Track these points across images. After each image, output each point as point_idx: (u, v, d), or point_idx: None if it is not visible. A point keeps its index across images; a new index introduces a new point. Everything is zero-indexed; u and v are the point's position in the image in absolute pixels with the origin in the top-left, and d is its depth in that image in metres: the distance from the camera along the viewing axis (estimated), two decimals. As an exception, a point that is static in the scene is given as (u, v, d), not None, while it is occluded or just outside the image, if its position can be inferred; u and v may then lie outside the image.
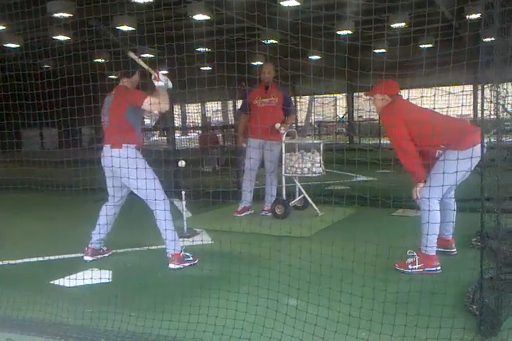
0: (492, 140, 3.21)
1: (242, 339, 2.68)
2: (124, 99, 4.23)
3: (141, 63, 4.23)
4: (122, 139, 4.22)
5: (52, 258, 4.53)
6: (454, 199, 4.20)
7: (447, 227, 4.15)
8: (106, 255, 4.58)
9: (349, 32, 14.61)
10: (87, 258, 4.46)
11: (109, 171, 4.32)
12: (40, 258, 4.50)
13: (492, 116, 2.84)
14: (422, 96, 3.72)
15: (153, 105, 4.10)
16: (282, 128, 6.07)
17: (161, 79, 4.16)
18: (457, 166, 3.23)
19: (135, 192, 4.26)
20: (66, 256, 4.61)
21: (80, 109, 4.65)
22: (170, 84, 4.26)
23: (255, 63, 17.61)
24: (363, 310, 2.84)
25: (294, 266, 3.28)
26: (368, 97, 4.28)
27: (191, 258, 4.26)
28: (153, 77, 4.20)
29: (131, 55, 4.22)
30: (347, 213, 6.16)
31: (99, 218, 4.46)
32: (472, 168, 3.74)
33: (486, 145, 3.46)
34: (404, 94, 4.33)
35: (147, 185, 4.09)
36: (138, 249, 4.82)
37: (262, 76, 6.21)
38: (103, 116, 4.42)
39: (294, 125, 7.98)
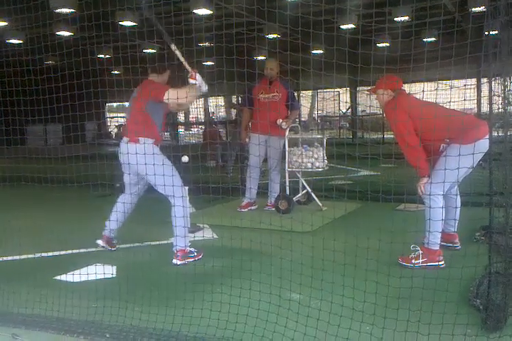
0: (498, 133, 3.20)
1: (245, 334, 2.69)
2: (146, 93, 4.19)
3: (181, 58, 4.17)
4: (140, 133, 4.18)
5: (56, 253, 4.55)
6: (458, 196, 4.18)
7: (451, 223, 4.15)
8: (113, 249, 4.61)
9: (353, 26, 14.52)
10: (99, 242, 4.54)
11: (126, 168, 4.35)
12: (45, 254, 4.52)
13: (499, 110, 2.83)
14: (424, 91, 3.70)
15: (174, 98, 4.00)
16: (284, 123, 6.05)
17: (197, 79, 4.10)
18: (459, 162, 3.22)
19: (156, 188, 4.25)
20: (70, 251, 4.63)
21: (84, 104, 4.66)
22: (204, 88, 4.19)
23: (259, 58, 17.60)
24: (366, 304, 2.85)
25: (295, 261, 3.28)
26: (370, 93, 4.26)
27: (195, 254, 4.27)
28: (189, 75, 4.15)
29: (174, 47, 4.11)
30: (350, 208, 6.16)
31: (116, 205, 4.51)
32: (474, 165, 3.73)
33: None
34: (409, 88, 4.31)
35: (166, 181, 4.08)
36: (142, 244, 4.83)
37: (265, 72, 6.19)
38: (127, 108, 4.48)
39: (297, 120, 7.97)
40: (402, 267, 3.81)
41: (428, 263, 3.84)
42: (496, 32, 2.72)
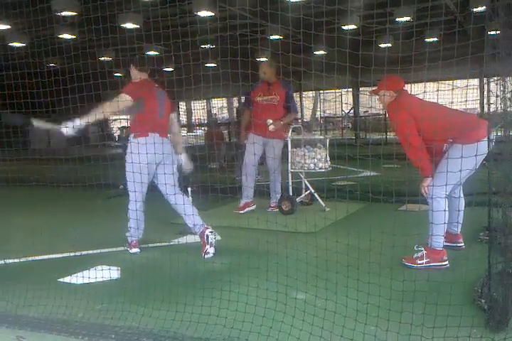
0: (499, 133, 3.20)
1: (252, 333, 2.70)
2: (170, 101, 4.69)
3: None
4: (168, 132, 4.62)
5: (61, 255, 4.56)
6: (462, 199, 4.17)
7: (454, 223, 4.14)
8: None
9: (355, 27, 14.53)
10: (134, 250, 4.59)
11: (151, 168, 4.48)
12: (50, 256, 4.53)
13: (499, 110, 2.83)
14: (425, 92, 3.71)
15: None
16: (271, 126, 6.02)
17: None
18: (461, 164, 3.22)
19: (165, 186, 4.50)
20: (75, 253, 4.64)
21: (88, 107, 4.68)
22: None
23: (262, 59, 17.61)
24: (370, 306, 2.85)
25: (300, 260, 3.29)
26: (372, 94, 4.27)
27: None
28: None
29: None
30: (352, 209, 6.15)
31: (130, 213, 4.53)
32: (477, 166, 3.72)
33: (493, 139, 3.47)
34: (411, 88, 4.30)
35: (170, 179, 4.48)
36: (147, 245, 4.84)
37: (260, 75, 6.18)
38: (156, 107, 4.57)
39: (299, 121, 7.94)
40: (405, 268, 3.81)
41: (432, 264, 3.84)
42: (496, 33, 2.73)
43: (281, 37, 14.95)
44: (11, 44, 14.98)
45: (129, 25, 13.31)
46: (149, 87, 4.59)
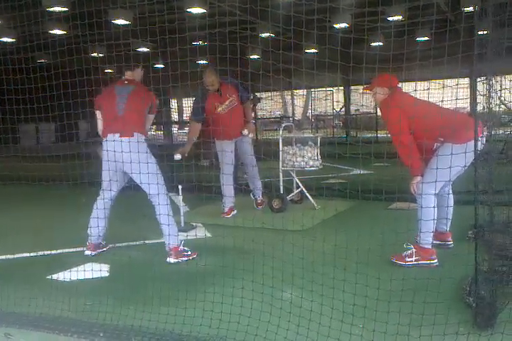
0: (489, 133, 3.21)
1: (238, 333, 2.69)
2: (147, 100, 4.41)
3: None
4: (136, 129, 4.25)
5: (49, 252, 4.53)
6: (451, 195, 4.19)
7: (443, 221, 4.15)
8: (105, 249, 4.58)
9: (346, 25, 14.54)
10: (88, 252, 4.46)
11: (113, 165, 4.29)
12: (38, 253, 4.49)
13: (486, 110, 2.84)
14: (416, 90, 3.72)
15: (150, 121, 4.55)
16: (250, 134, 5.97)
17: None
18: (451, 162, 3.23)
19: (141, 186, 4.26)
20: (63, 250, 4.61)
21: (77, 103, 4.63)
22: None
23: (253, 57, 17.60)
24: (356, 307, 2.83)
25: (287, 261, 3.27)
26: (366, 92, 4.27)
27: (189, 253, 4.27)
28: None
29: None
30: (343, 207, 6.16)
31: (96, 212, 4.44)
32: (468, 164, 3.74)
33: (483, 138, 3.48)
34: (402, 87, 4.31)
35: (151, 179, 4.11)
36: (136, 243, 4.82)
37: (207, 87, 5.82)
38: (114, 103, 4.33)
39: (291, 119, 7.84)
40: (394, 266, 3.81)
41: (421, 262, 3.85)
42: (485, 32, 2.73)
43: (271, 34, 14.91)
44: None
45: (119, 21, 13.22)
46: (109, 89, 4.47)
